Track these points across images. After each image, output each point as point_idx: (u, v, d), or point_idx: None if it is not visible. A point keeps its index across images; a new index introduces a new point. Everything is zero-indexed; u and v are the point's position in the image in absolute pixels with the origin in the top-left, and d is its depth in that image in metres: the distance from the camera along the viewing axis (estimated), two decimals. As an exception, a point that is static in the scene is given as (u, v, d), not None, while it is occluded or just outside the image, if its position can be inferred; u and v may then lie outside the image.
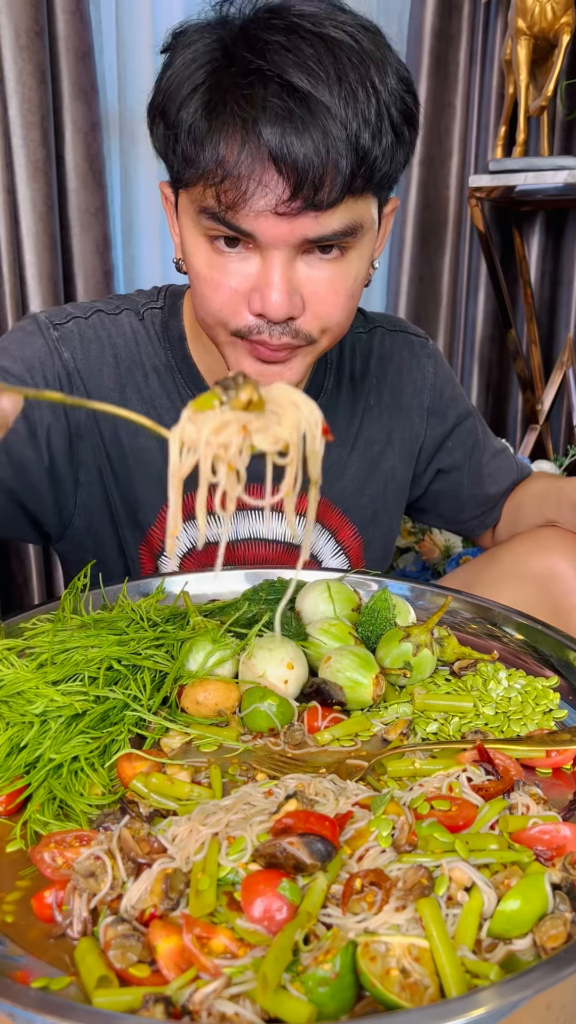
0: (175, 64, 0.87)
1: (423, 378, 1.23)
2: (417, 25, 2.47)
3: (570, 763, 0.73)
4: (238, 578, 1.06)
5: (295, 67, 0.81)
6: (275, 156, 0.81)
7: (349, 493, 1.20)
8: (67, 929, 0.56)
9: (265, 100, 0.80)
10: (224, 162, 0.83)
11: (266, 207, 0.84)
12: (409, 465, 1.25)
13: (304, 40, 0.82)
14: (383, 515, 1.25)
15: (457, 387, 1.28)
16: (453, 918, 0.53)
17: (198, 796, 0.67)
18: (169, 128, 0.87)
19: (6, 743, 0.71)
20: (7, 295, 1.97)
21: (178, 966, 0.50)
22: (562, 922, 0.53)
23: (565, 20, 2.13)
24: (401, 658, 0.84)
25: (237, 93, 0.81)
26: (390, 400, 1.21)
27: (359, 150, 0.83)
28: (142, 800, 0.66)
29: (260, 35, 0.83)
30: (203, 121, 0.83)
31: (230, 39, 0.85)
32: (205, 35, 0.87)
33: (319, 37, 0.82)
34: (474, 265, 2.70)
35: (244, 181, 0.83)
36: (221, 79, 0.83)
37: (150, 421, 0.66)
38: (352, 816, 0.61)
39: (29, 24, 1.84)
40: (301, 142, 0.81)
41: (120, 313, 1.12)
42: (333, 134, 0.81)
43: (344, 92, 0.81)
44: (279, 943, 0.49)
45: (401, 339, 1.23)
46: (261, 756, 0.75)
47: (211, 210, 0.87)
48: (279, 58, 0.81)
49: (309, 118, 0.80)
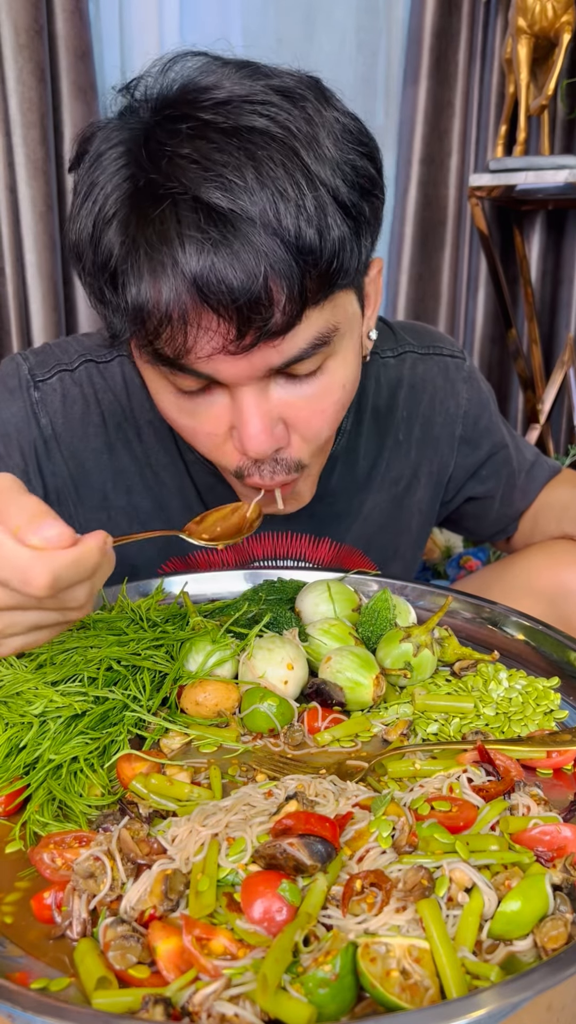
0: (84, 189, 0.75)
1: (457, 405, 1.13)
2: (417, 24, 2.47)
3: (571, 764, 0.73)
4: (238, 578, 1.06)
5: (207, 182, 0.68)
6: (206, 296, 0.70)
7: (371, 534, 1.13)
8: (66, 930, 0.55)
9: (181, 232, 0.69)
10: (150, 314, 0.71)
11: (214, 350, 0.72)
12: (436, 496, 1.17)
13: (213, 144, 0.69)
14: (405, 548, 1.18)
15: (493, 413, 1.18)
16: (454, 919, 0.53)
17: (198, 797, 0.67)
18: (89, 274, 0.76)
19: (5, 744, 0.71)
20: (10, 295, 1.97)
21: (178, 967, 0.50)
22: (563, 923, 0.52)
23: (566, 19, 2.13)
24: (401, 658, 0.84)
25: (148, 229, 0.70)
26: (420, 434, 1.11)
27: (304, 255, 0.70)
28: (142, 801, 0.66)
29: (165, 146, 0.71)
30: (121, 265, 0.72)
31: (136, 150, 0.73)
32: (113, 143, 0.75)
33: (232, 133, 0.70)
34: (474, 264, 2.70)
35: (180, 330, 0.71)
36: (130, 210, 0.71)
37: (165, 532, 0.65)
38: (352, 817, 0.61)
39: (29, 23, 1.84)
40: (232, 272, 0.68)
41: (112, 360, 1.02)
42: (266, 250, 0.69)
43: (269, 195, 0.69)
44: (279, 944, 0.49)
45: (435, 364, 1.11)
46: (261, 757, 0.75)
47: (160, 361, 0.76)
48: (189, 174, 0.69)
49: (234, 240, 0.68)
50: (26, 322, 2.03)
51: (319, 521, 1.09)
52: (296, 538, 1.10)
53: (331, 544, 1.11)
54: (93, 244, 0.74)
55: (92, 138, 0.78)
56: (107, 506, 1.05)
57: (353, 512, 1.11)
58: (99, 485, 1.03)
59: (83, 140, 0.79)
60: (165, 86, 0.76)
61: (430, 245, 2.63)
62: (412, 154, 2.55)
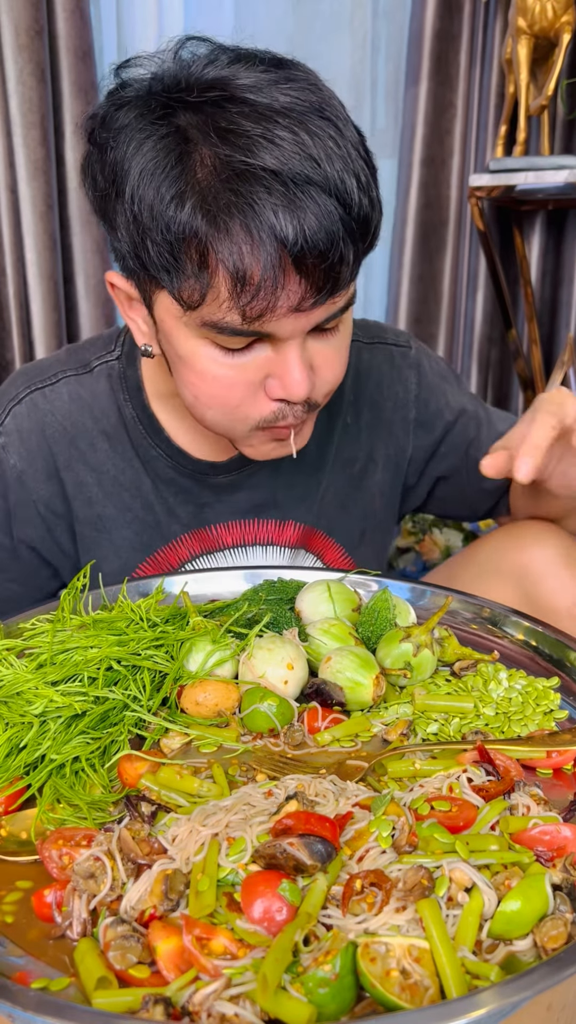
0: (128, 163, 0.80)
1: (405, 390, 1.18)
2: (418, 25, 2.47)
3: (571, 764, 0.73)
4: (238, 578, 1.06)
5: (284, 153, 0.76)
6: (296, 260, 0.78)
7: (332, 515, 1.17)
8: (67, 930, 0.56)
9: (271, 202, 0.76)
10: (248, 279, 0.78)
11: (289, 308, 0.81)
12: (397, 480, 1.21)
13: (268, 120, 0.77)
14: (374, 532, 1.21)
15: (444, 393, 1.21)
16: (453, 919, 0.53)
17: (207, 791, 0.67)
18: (156, 242, 0.80)
19: (6, 744, 0.71)
20: (10, 295, 1.98)
21: (178, 967, 0.50)
22: (563, 923, 0.52)
23: (565, 19, 2.13)
24: (401, 658, 0.84)
25: (239, 201, 0.76)
26: (370, 417, 1.16)
27: (362, 219, 0.80)
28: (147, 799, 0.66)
29: (229, 126, 0.77)
30: (213, 237, 0.77)
31: (191, 131, 0.79)
32: (151, 126, 0.80)
33: (283, 113, 0.77)
34: (474, 264, 2.70)
35: (269, 293, 0.79)
36: (208, 184, 0.77)
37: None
38: (352, 817, 0.61)
39: (29, 23, 1.84)
40: (320, 236, 0.77)
41: (57, 382, 1.07)
42: (339, 213, 0.78)
43: (335, 163, 0.78)
44: (279, 944, 0.49)
45: (380, 352, 1.18)
46: (261, 757, 0.75)
47: (227, 325, 0.82)
48: (262, 150, 0.76)
49: (315, 207, 0.76)
50: (26, 322, 2.03)
51: (281, 506, 1.14)
52: (262, 524, 1.14)
53: (295, 526, 1.15)
54: (165, 222, 0.79)
55: (114, 120, 0.83)
56: (71, 519, 1.10)
57: (311, 494, 1.15)
58: (65, 502, 1.09)
59: (104, 118, 0.84)
60: (183, 69, 0.82)
61: (431, 246, 2.63)
62: (413, 155, 2.55)
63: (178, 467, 1.08)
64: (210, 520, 1.12)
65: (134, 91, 0.84)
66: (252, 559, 1.14)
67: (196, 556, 1.13)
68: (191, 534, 1.11)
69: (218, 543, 1.13)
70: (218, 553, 1.13)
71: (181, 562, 1.13)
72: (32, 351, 2.05)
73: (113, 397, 1.07)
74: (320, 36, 2.51)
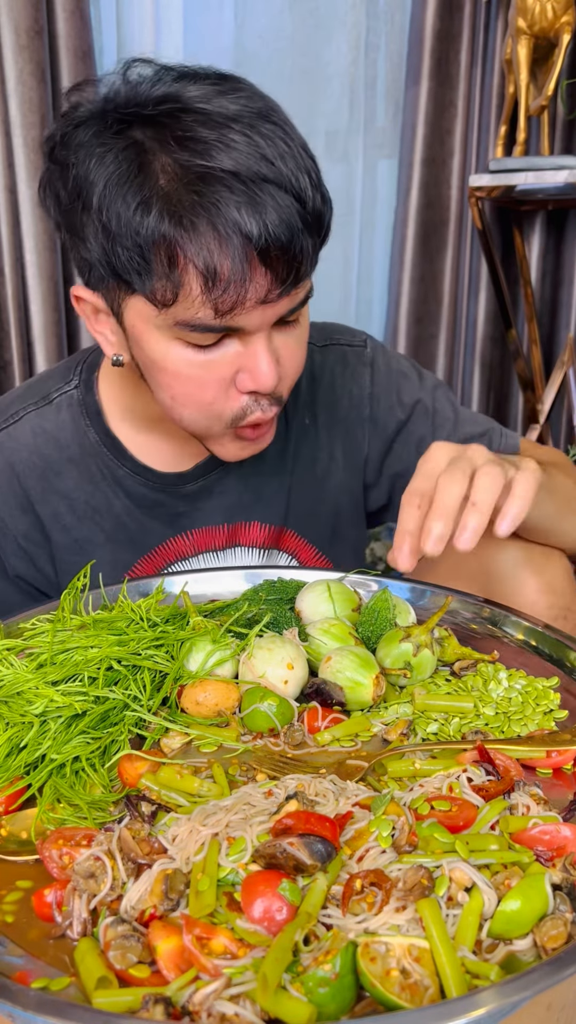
0: (92, 175, 0.84)
1: (360, 388, 1.18)
2: (418, 25, 2.47)
3: (570, 763, 0.73)
4: (238, 578, 1.06)
5: (240, 155, 0.81)
6: (261, 254, 0.82)
7: (300, 514, 1.18)
8: (67, 930, 0.56)
9: (234, 200, 0.80)
10: (219, 275, 0.82)
11: (257, 301, 0.85)
12: (357, 477, 1.22)
13: (221, 126, 0.82)
14: (346, 528, 1.22)
15: (399, 390, 1.19)
16: (453, 918, 0.53)
17: (208, 791, 0.67)
18: (127, 248, 0.84)
19: (6, 743, 0.71)
20: (10, 295, 1.98)
21: (178, 967, 0.50)
22: (562, 922, 0.53)
23: (565, 19, 2.13)
24: (401, 658, 0.84)
25: (203, 201, 0.80)
26: (326, 417, 1.18)
27: (316, 213, 0.85)
28: (152, 794, 0.66)
29: (187, 135, 0.81)
30: (180, 236, 0.81)
31: (149, 142, 0.83)
32: (111, 140, 0.84)
33: (234, 119, 0.82)
34: (475, 265, 2.70)
35: (238, 286, 0.83)
36: (172, 189, 0.81)
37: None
38: (352, 816, 0.61)
39: (29, 24, 1.84)
40: (282, 231, 0.82)
41: (20, 420, 1.10)
42: (296, 208, 0.83)
43: (288, 162, 0.83)
44: (279, 944, 0.49)
45: (333, 353, 1.19)
46: (261, 756, 0.75)
47: (199, 322, 0.86)
48: (220, 154, 0.81)
49: (274, 203, 0.81)
50: (26, 322, 2.03)
51: (251, 508, 1.16)
52: (234, 527, 1.16)
53: (267, 528, 1.17)
54: (134, 227, 0.83)
55: (71, 138, 0.87)
56: (51, 548, 1.12)
57: (278, 495, 1.17)
58: (43, 532, 1.11)
59: (61, 138, 0.88)
60: (133, 88, 0.86)
61: (432, 246, 2.63)
62: (414, 155, 2.55)
63: (147, 483, 1.11)
64: (185, 528, 1.14)
65: (87, 111, 0.88)
66: (226, 562, 1.16)
67: (171, 563, 1.15)
68: (166, 544, 1.14)
69: (193, 549, 1.16)
70: (193, 559, 1.16)
71: (158, 570, 1.15)
72: (31, 351, 2.05)
73: (75, 424, 1.10)
74: (320, 35, 2.51)
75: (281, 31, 2.47)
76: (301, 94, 2.52)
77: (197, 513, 1.14)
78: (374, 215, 2.71)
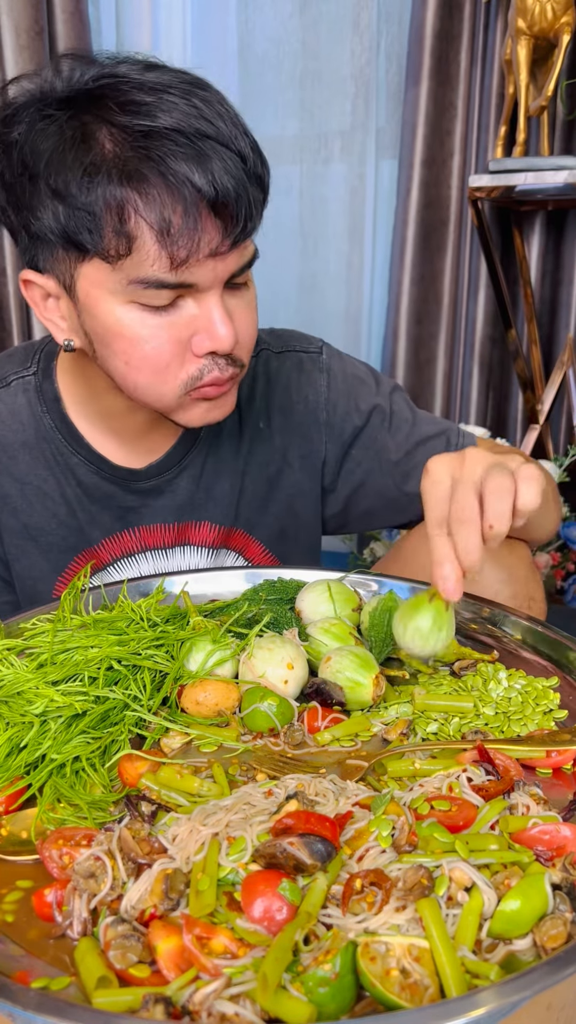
0: (36, 146, 0.87)
1: (316, 393, 1.19)
2: (418, 26, 2.47)
3: (570, 763, 0.73)
4: (238, 578, 1.06)
5: (181, 114, 0.84)
6: (210, 201, 0.85)
7: (250, 514, 1.19)
8: (67, 929, 0.56)
9: (179, 152, 0.84)
10: (171, 225, 0.85)
11: (209, 253, 0.88)
12: (315, 480, 1.22)
13: (159, 91, 0.85)
14: (298, 531, 1.23)
15: (356, 396, 1.19)
16: (453, 918, 0.53)
17: (208, 791, 0.67)
18: (78, 207, 0.86)
19: (6, 743, 0.71)
20: (10, 295, 1.98)
21: (178, 966, 0.50)
22: (562, 922, 0.53)
23: (565, 20, 2.13)
24: (434, 619, 0.77)
25: (150, 159, 0.84)
26: (281, 421, 1.18)
27: (256, 173, 0.89)
28: (152, 794, 0.67)
29: (127, 100, 0.85)
30: (130, 193, 0.84)
31: (92, 110, 0.86)
32: (53, 113, 0.87)
33: (170, 87, 0.86)
34: (474, 265, 2.70)
35: (191, 237, 0.86)
36: (120, 148, 0.84)
37: None
38: (352, 816, 0.61)
39: (29, 24, 1.84)
40: (229, 181, 0.85)
41: None
42: (239, 164, 0.86)
43: (226, 123, 0.87)
44: (279, 943, 0.49)
45: (290, 359, 1.20)
46: (261, 756, 0.75)
47: (154, 278, 0.88)
48: (162, 114, 0.84)
49: (217, 156, 0.85)
50: (26, 322, 2.03)
51: (202, 508, 1.17)
52: (183, 526, 1.17)
53: (216, 528, 1.18)
54: (85, 187, 0.85)
55: (13, 117, 0.89)
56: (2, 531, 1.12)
57: (230, 496, 1.17)
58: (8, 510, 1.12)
59: (2, 124, 0.91)
60: (67, 76, 0.90)
61: (432, 246, 2.62)
62: (414, 156, 2.55)
63: (100, 472, 1.11)
64: (133, 523, 1.15)
65: (25, 99, 0.90)
66: (173, 560, 1.17)
67: (117, 559, 1.15)
68: (112, 538, 1.15)
69: (139, 545, 1.16)
70: (139, 555, 1.17)
71: (103, 565, 1.15)
72: (32, 351, 2.05)
73: (31, 409, 1.10)
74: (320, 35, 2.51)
75: (282, 32, 2.48)
76: (305, 95, 2.53)
77: (146, 510, 1.14)
78: (374, 215, 2.71)
